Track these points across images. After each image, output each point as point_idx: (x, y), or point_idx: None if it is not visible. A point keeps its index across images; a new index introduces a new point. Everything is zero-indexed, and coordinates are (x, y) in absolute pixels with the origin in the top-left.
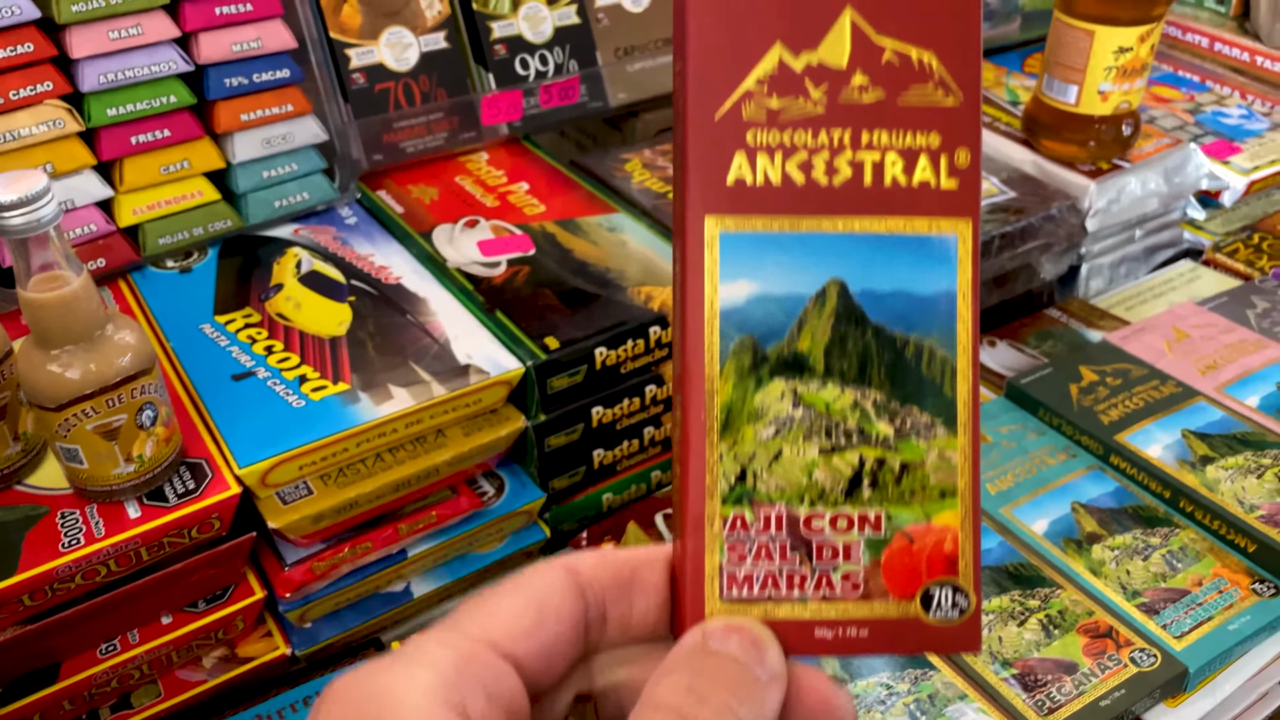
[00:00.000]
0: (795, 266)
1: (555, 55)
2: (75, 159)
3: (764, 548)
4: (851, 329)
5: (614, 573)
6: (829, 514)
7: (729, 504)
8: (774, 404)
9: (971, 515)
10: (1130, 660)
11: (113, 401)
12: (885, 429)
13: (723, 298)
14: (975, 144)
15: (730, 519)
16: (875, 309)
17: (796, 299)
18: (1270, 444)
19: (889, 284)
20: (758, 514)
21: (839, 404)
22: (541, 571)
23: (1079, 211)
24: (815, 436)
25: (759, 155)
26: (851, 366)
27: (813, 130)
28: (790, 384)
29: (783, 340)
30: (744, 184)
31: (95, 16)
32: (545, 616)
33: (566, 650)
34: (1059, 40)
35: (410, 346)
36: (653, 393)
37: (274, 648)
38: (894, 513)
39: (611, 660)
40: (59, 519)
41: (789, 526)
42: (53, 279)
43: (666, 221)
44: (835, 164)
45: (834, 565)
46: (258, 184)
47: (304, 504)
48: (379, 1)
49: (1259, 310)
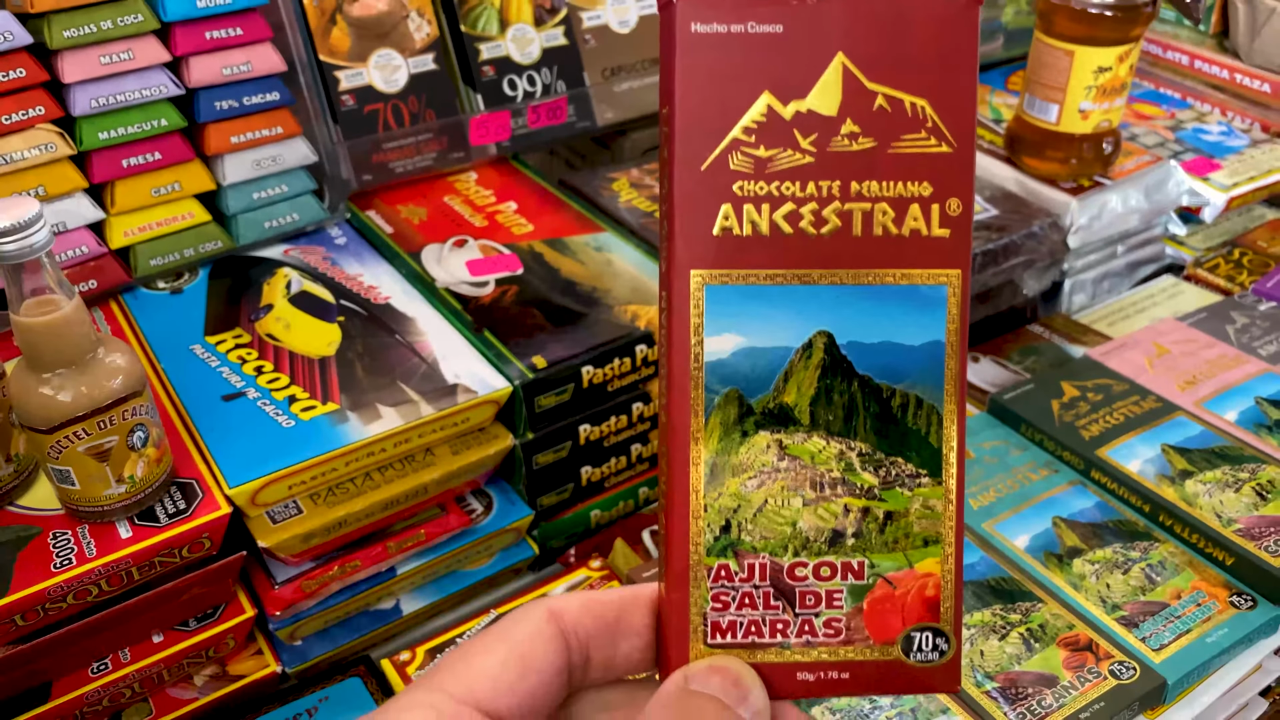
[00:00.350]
0: (782, 319)
1: (543, 76)
2: (67, 182)
3: (748, 596)
4: (838, 381)
5: (598, 617)
6: (812, 563)
7: (714, 555)
8: (759, 456)
9: (954, 560)
10: (1110, 673)
11: (104, 423)
12: (870, 479)
13: (708, 351)
14: (968, 192)
15: (715, 569)
16: (862, 360)
17: (783, 351)
18: (1248, 458)
19: (876, 335)
20: (742, 564)
21: (824, 455)
22: (524, 620)
23: (1061, 228)
24: (800, 488)
25: (746, 206)
26: (837, 418)
27: (801, 180)
28: (775, 436)
29: (768, 393)
30: (730, 235)
31: (87, 42)
32: (528, 668)
33: (550, 698)
34: (1039, 60)
35: (399, 366)
36: (639, 410)
37: (264, 665)
38: (877, 560)
39: (595, 704)
40: (51, 539)
41: (773, 575)
42: (45, 303)
43: (653, 240)
44: (824, 214)
45: (817, 612)
46: (248, 205)
47: (294, 523)
48: (368, 24)
49: (1238, 325)
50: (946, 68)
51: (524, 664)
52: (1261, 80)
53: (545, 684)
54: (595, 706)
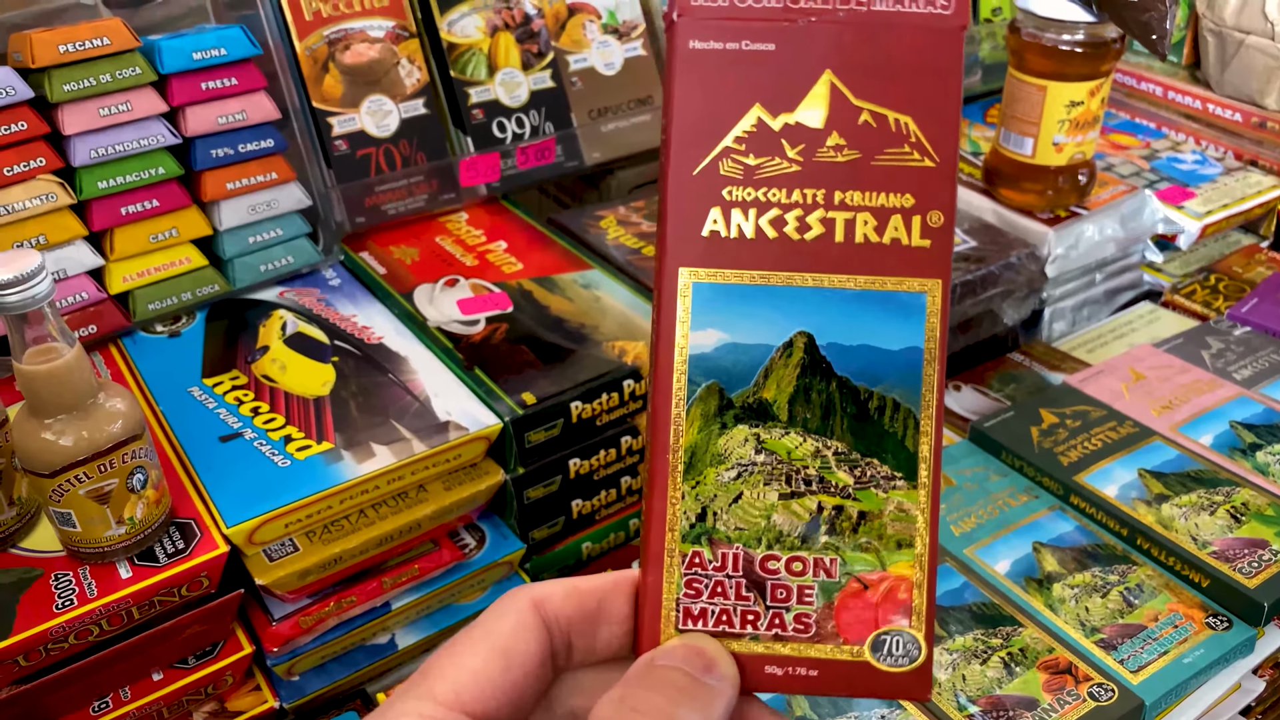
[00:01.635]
0: (764, 317)
1: (531, 118)
2: (67, 230)
3: (720, 585)
4: (816, 380)
5: (579, 605)
6: (785, 556)
7: (689, 541)
8: (737, 448)
9: (928, 565)
10: (1089, 695)
11: (104, 467)
12: (845, 478)
13: (692, 344)
14: (949, 206)
15: (689, 555)
16: (841, 361)
17: (764, 349)
18: (1223, 481)
19: (856, 338)
20: (716, 552)
21: (800, 451)
22: (507, 613)
23: (1039, 258)
24: (775, 482)
25: (734, 210)
26: (815, 416)
27: (787, 188)
28: (754, 430)
29: (749, 388)
30: (718, 236)
31: (86, 95)
32: (512, 663)
33: (535, 688)
34: (1013, 95)
35: (392, 405)
36: (628, 444)
37: (262, 701)
38: (849, 559)
39: (570, 687)
40: (53, 580)
41: (745, 566)
42: (46, 351)
43: (640, 277)
44: (808, 220)
45: (787, 606)
46: (244, 249)
47: (290, 560)
48: (360, 71)
49: (1213, 350)
50: (931, 87)
51: (508, 659)
52: (1233, 110)
53: (529, 675)
54: (570, 690)
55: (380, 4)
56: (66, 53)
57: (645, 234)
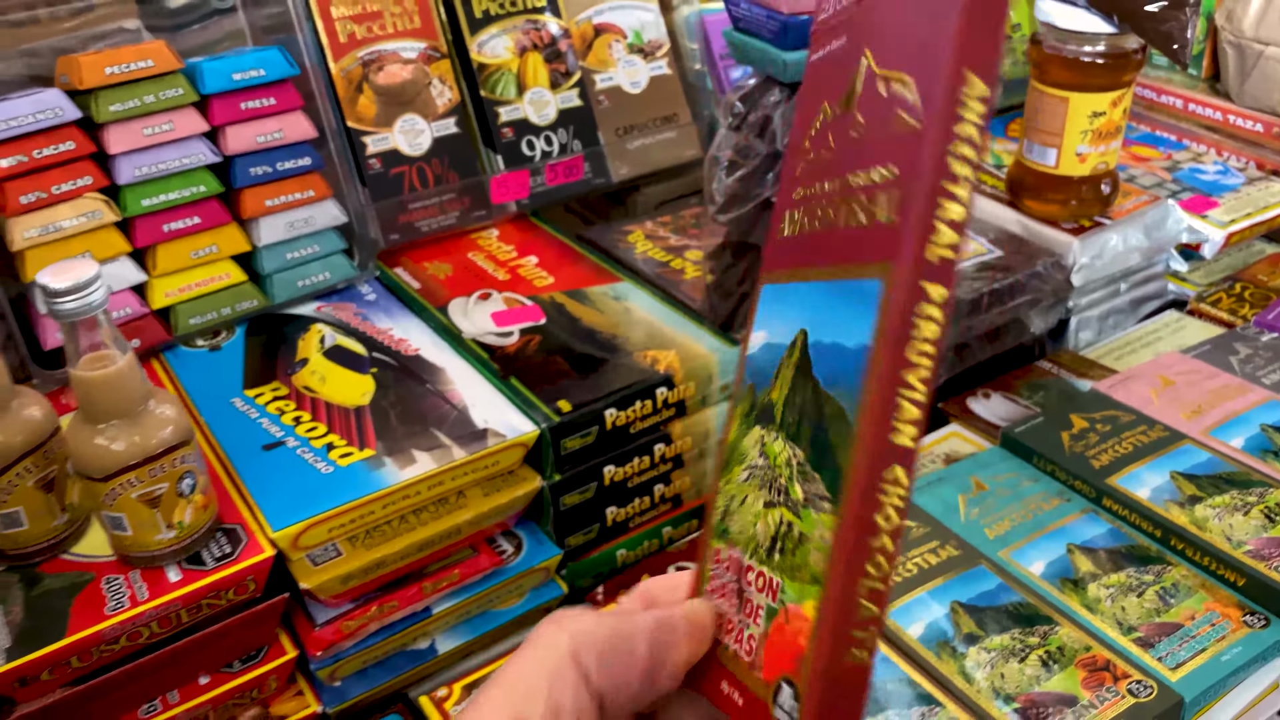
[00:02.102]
0: (785, 316)
1: (559, 136)
2: (112, 247)
3: (723, 586)
4: (801, 382)
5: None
6: (756, 569)
7: (715, 538)
8: (750, 449)
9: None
10: (1128, 691)
11: (155, 471)
12: (799, 493)
13: (750, 345)
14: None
15: (715, 551)
16: (818, 361)
17: (780, 349)
18: (1255, 483)
19: (830, 335)
20: (725, 553)
21: (781, 459)
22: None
23: (1064, 267)
24: (763, 488)
25: (792, 210)
26: (793, 421)
27: (817, 179)
28: (762, 432)
29: (767, 388)
30: (780, 237)
31: (131, 115)
32: None
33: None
34: (1036, 107)
35: (430, 414)
36: (662, 451)
37: (305, 706)
38: (785, 585)
39: None
40: (104, 584)
41: (736, 572)
42: (100, 358)
43: (669, 289)
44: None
45: (749, 623)
46: (282, 265)
47: (334, 565)
48: (393, 92)
49: (1241, 356)
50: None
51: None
52: (1254, 120)
53: None
54: None
55: (412, 26)
56: (113, 75)
57: (673, 248)
